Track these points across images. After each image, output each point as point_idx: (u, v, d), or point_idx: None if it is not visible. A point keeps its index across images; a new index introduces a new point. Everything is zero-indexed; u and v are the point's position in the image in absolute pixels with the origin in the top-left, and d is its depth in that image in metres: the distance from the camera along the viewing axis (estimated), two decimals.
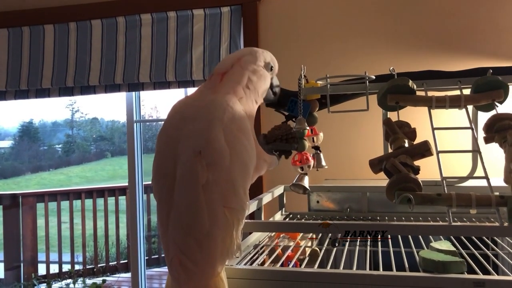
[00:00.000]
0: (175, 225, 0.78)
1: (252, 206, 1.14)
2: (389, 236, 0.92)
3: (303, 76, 1.25)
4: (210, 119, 0.81)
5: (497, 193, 0.86)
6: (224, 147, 0.78)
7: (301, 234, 1.23)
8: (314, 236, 1.21)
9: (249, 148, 0.85)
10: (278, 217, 1.46)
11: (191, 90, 2.70)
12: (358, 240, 1.10)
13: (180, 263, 0.76)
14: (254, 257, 1.05)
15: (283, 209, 1.51)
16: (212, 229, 0.76)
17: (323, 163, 1.33)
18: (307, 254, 1.12)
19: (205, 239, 0.76)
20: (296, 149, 1.16)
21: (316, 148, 1.35)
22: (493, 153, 1.09)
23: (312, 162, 1.28)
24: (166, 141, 0.84)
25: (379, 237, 0.85)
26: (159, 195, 0.82)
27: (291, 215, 1.49)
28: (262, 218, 1.34)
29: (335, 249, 1.07)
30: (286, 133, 1.14)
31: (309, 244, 1.19)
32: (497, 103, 1.05)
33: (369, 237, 0.85)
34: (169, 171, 0.80)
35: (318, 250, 1.11)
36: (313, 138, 1.34)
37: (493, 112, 1.04)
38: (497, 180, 0.97)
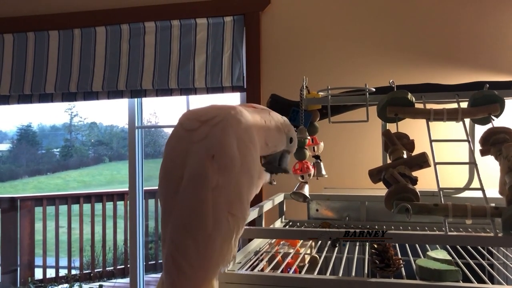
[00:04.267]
0: (175, 223, 0.78)
1: (253, 213, 1.16)
2: (388, 244, 0.94)
3: (304, 87, 1.28)
4: (224, 125, 0.82)
5: (492, 204, 0.89)
6: (236, 155, 0.80)
7: (301, 242, 1.25)
8: (313, 243, 1.23)
9: (256, 160, 0.86)
10: (278, 224, 1.48)
11: (193, 98, 2.73)
12: (357, 247, 1.12)
13: (173, 263, 0.76)
14: (255, 264, 1.07)
15: (283, 216, 1.53)
16: (214, 232, 0.76)
17: (323, 172, 1.36)
18: (306, 261, 1.14)
19: (205, 241, 0.76)
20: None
21: (317, 157, 1.38)
22: (489, 166, 1.12)
23: (312, 171, 1.30)
24: (176, 141, 0.84)
25: (380, 237, 0.88)
26: (164, 194, 0.82)
27: (290, 223, 1.51)
28: (263, 225, 1.36)
29: (334, 256, 1.10)
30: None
31: (309, 251, 1.21)
32: (493, 117, 1.08)
33: (368, 237, 0.88)
34: (177, 171, 0.80)
35: (318, 257, 1.14)
36: (313, 148, 1.37)
37: (489, 126, 1.07)
38: (493, 191, 0.99)
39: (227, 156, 0.79)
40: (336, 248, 1.07)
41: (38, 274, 4.51)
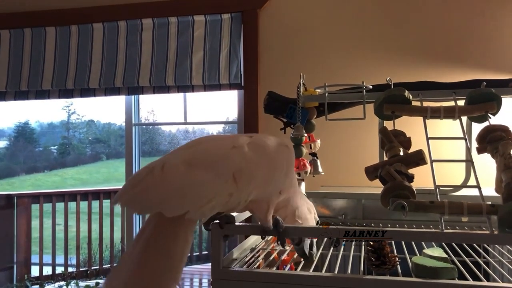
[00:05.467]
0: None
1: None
2: (386, 242, 0.94)
3: (302, 84, 1.28)
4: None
5: (488, 202, 0.89)
6: (270, 148, 0.87)
7: None
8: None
9: (281, 176, 0.90)
10: None
11: (190, 95, 2.72)
12: (353, 244, 1.12)
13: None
14: (250, 261, 1.07)
15: None
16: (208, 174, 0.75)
17: (320, 169, 1.36)
18: (302, 258, 1.13)
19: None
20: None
21: (313, 154, 1.38)
22: (486, 163, 1.12)
23: (309, 169, 1.30)
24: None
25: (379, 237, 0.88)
26: None
27: None
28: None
29: (329, 254, 1.09)
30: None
31: None
32: (490, 115, 1.08)
33: (368, 237, 0.87)
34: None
35: (313, 254, 1.13)
36: (310, 145, 1.37)
37: (486, 123, 1.07)
38: (489, 189, 0.99)
39: (260, 141, 0.86)
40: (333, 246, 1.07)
41: (35, 271, 4.49)
